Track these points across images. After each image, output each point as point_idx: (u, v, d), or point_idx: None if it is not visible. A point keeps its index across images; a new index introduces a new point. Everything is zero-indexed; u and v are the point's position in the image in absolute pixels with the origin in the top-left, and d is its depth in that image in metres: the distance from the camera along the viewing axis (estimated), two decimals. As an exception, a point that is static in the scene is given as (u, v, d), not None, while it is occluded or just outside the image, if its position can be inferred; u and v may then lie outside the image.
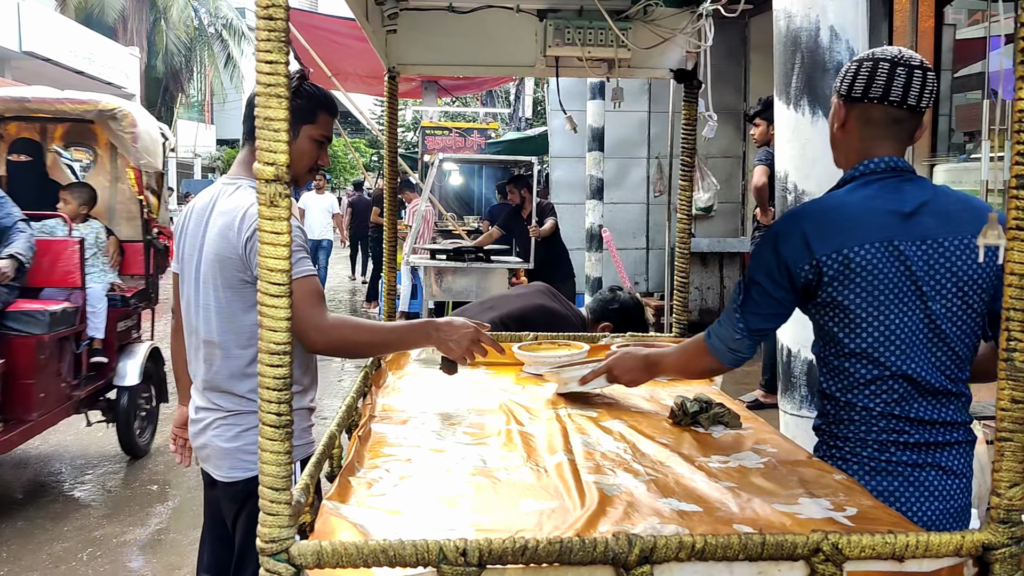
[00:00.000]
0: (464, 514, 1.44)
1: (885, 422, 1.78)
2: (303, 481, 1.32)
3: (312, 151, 2.27)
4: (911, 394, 1.77)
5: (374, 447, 1.82)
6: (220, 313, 2.19)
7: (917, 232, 1.75)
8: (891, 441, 1.78)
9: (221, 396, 2.23)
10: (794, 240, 1.77)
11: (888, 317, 1.75)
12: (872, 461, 1.79)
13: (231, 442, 2.23)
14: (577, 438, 1.92)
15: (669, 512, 1.46)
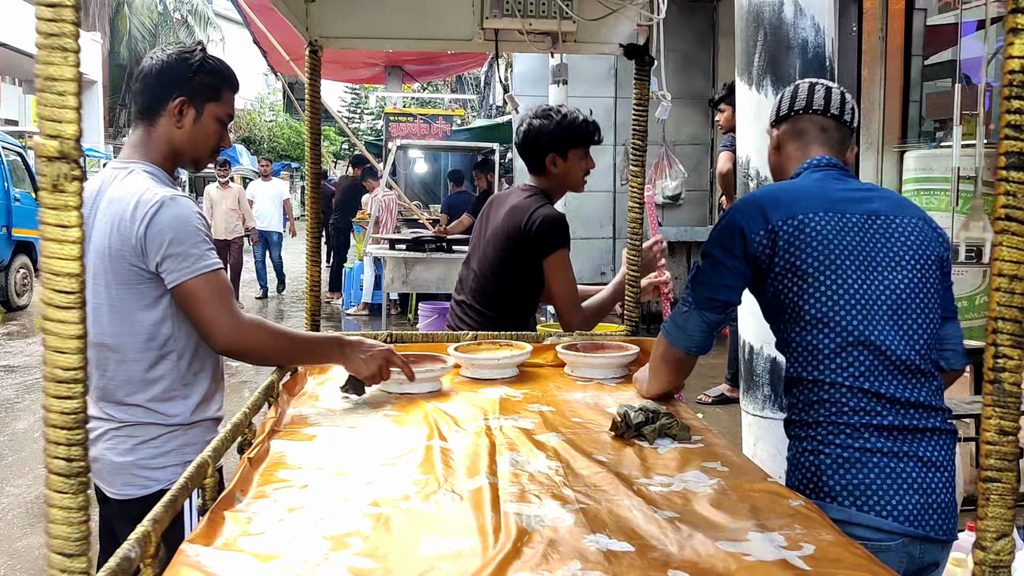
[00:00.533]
0: (348, 559, 1.21)
1: (856, 400, 1.67)
2: (141, 529, 1.08)
3: (216, 131, 2.06)
4: (878, 367, 1.69)
5: (268, 470, 1.58)
6: (113, 312, 1.95)
7: (868, 208, 1.78)
8: (864, 424, 1.66)
9: (114, 407, 1.99)
10: (749, 211, 1.80)
11: (846, 280, 1.72)
12: (847, 450, 1.66)
13: (124, 456, 1.99)
14: (505, 457, 1.69)
15: (595, 553, 1.24)
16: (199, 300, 1.87)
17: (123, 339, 1.95)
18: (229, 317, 1.89)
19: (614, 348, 2.48)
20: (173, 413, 1.99)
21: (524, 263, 2.78)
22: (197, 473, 1.32)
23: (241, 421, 1.64)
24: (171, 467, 1.98)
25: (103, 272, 1.94)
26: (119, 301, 1.94)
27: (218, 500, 1.38)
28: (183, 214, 1.90)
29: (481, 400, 2.13)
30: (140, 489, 1.98)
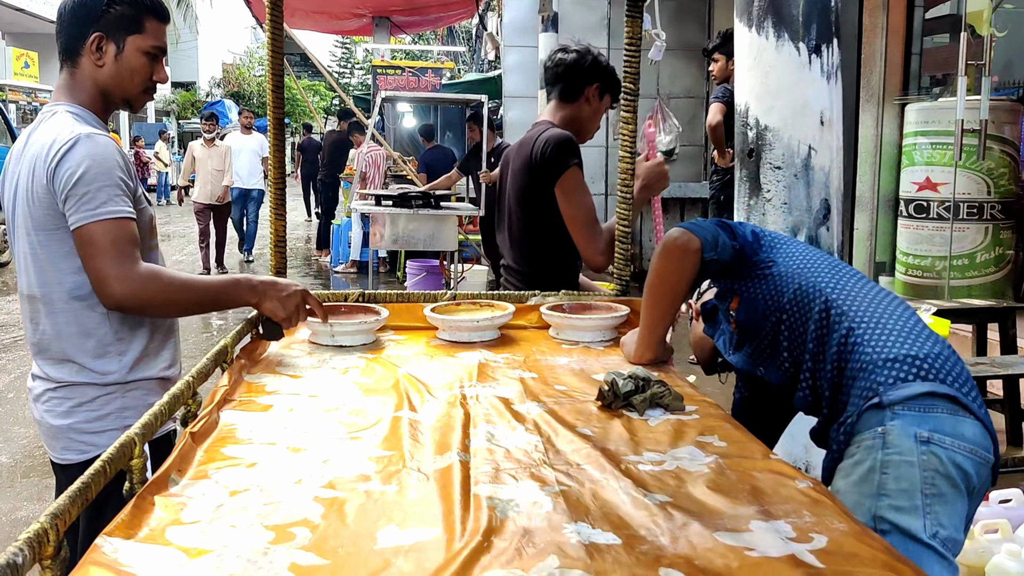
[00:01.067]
0: (290, 554, 1.05)
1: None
2: (35, 527, 0.91)
3: (144, 66, 1.89)
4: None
5: (213, 446, 1.41)
6: (36, 261, 1.82)
7: None
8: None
9: (49, 364, 1.87)
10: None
11: None
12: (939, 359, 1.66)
13: (62, 419, 1.87)
14: (481, 429, 1.52)
15: (576, 546, 1.08)
16: (95, 249, 1.72)
17: (49, 290, 1.83)
18: (119, 267, 1.73)
19: (602, 309, 2.31)
20: (107, 371, 1.86)
21: (543, 200, 2.61)
22: (119, 453, 1.15)
23: (183, 391, 1.47)
24: (110, 431, 1.85)
25: (24, 219, 1.82)
26: (40, 248, 1.81)
27: (148, 482, 1.21)
28: (97, 152, 1.76)
29: (457, 365, 1.96)
30: (79, 454, 1.87)
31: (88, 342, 1.84)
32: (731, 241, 1.84)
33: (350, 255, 10.72)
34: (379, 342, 2.17)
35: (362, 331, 2.12)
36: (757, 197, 2.93)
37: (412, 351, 2.10)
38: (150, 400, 1.87)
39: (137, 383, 1.89)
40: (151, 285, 1.76)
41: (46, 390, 1.88)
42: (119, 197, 1.76)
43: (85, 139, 1.76)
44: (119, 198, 1.75)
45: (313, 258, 11.95)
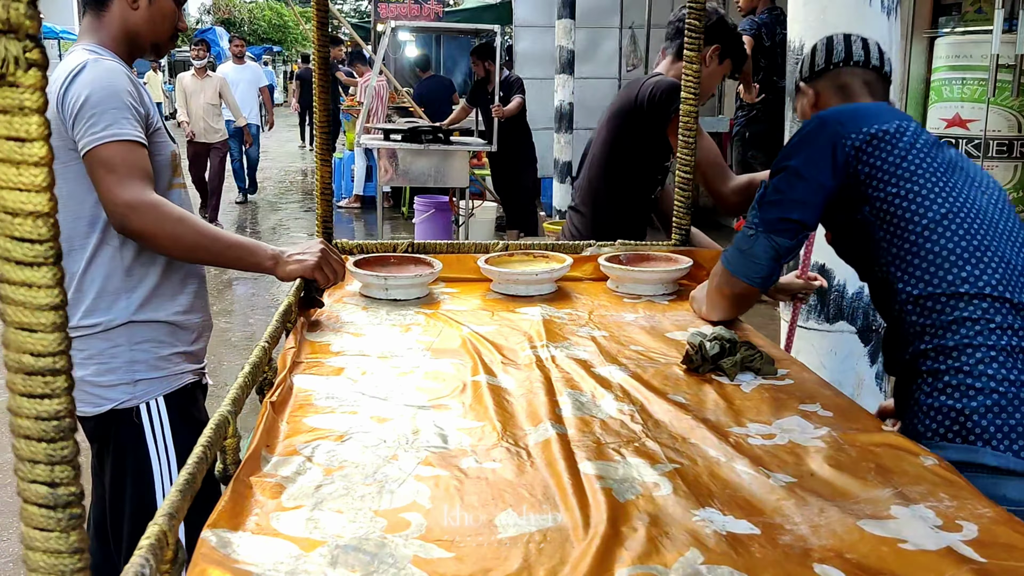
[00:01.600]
0: (411, 545, 0.97)
1: (1003, 315, 1.43)
2: (154, 529, 0.83)
3: (174, 12, 1.85)
4: (1013, 276, 1.47)
5: (295, 416, 1.33)
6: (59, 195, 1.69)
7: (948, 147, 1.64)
8: (1017, 348, 1.42)
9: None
10: (838, 117, 1.62)
11: (955, 187, 1.54)
12: (1003, 383, 1.40)
13: (76, 370, 1.75)
14: (567, 396, 1.45)
15: (713, 537, 1.01)
16: (105, 170, 1.66)
17: (69, 226, 1.75)
18: (128, 191, 1.67)
19: (662, 260, 2.22)
20: (114, 308, 1.79)
21: (638, 144, 2.55)
22: (216, 434, 1.07)
23: (260, 359, 1.38)
24: (121, 385, 1.81)
25: None
26: (59, 181, 1.67)
27: (243, 462, 1.13)
28: (103, 75, 1.69)
29: (522, 322, 1.88)
30: (93, 407, 1.82)
31: (99, 276, 1.78)
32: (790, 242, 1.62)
33: (353, 190, 10.56)
34: (433, 296, 2.08)
35: (417, 284, 2.03)
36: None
37: (469, 306, 2.01)
38: (160, 351, 1.84)
39: (144, 325, 1.82)
40: (158, 215, 1.68)
41: None
42: (126, 120, 1.69)
43: (92, 63, 1.70)
44: (126, 120, 1.68)
45: (314, 193, 11.77)
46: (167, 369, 1.86)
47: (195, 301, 1.94)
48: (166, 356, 1.86)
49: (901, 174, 1.53)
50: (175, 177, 1.88)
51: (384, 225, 9.29)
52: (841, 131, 1.58)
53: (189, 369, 1.91)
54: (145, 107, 1.75)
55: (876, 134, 1.56)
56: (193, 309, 1.93)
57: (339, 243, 2.23)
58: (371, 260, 2.13)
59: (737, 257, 1.68)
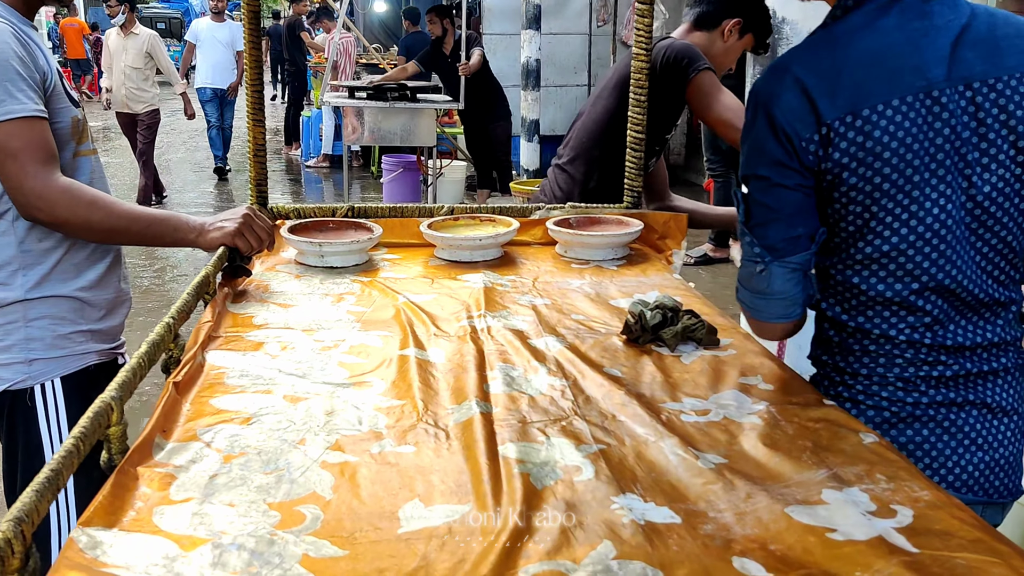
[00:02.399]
0: (301, 543, 0.90)
1: (912, 353, 1.32)
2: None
3: None
4: (948, 314, 1.30)
5: (200, 397, 1.25)
6: None
7: (961, 75, 1.23)
8: (920, 377, 1.32)
9: None
10: (789, 98, 1.27)
11: (924, 204, 1.25)
12: (894, 406, 1.33)
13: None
14: (498, 371, 1.37)
15: (630, 527, 0.94)
16: (7, 154, 1.52)
17: None
18: (33, 179, 1.54)
19: (613, 224, 2.14)
20: (9, 290, 1.66)
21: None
22: (93, 425, 0.98)
23: (163, 336, 1.28)
24: (14, 365, 1.68)
25: None
26: None
27: (130, 450, 1.05)
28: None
29: (461, 290, 1.79)
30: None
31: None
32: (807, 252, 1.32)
33: (321, 149, 10.37)
34: (372, 262, 1.99)
35: (354, 251, 1.94)
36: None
37: (410, 273, 1.92)
38: (59, 329, 1.70)
39: (42, 301, 1.67)
40: (69, 201, 1.56)
41: None
42: (21, 92, 1.52)
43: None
44: (21, 93, 1.52)
45: (283, 153, 11.54)
46: (67, 348, 1.72)
47: (106, 275, 1.79)
48: (66, 335, 1.72)
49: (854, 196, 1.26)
50: (80, 144, 1.72)
51: (353, 184, 9.15)
52: (800, 129, 1.26)
53: (95, 349, 1.77)
54: (40, 70, 1.59)
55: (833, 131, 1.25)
56: (103, 284, 1.79)
57: (275, 207, 2.13)
58: (308, 225, 2.03)
59: (758, 301, 1.37)
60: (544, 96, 7.90)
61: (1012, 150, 1.24)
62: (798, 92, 1.26)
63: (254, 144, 2.08)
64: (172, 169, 10.26)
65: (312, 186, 9.57)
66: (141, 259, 6.15)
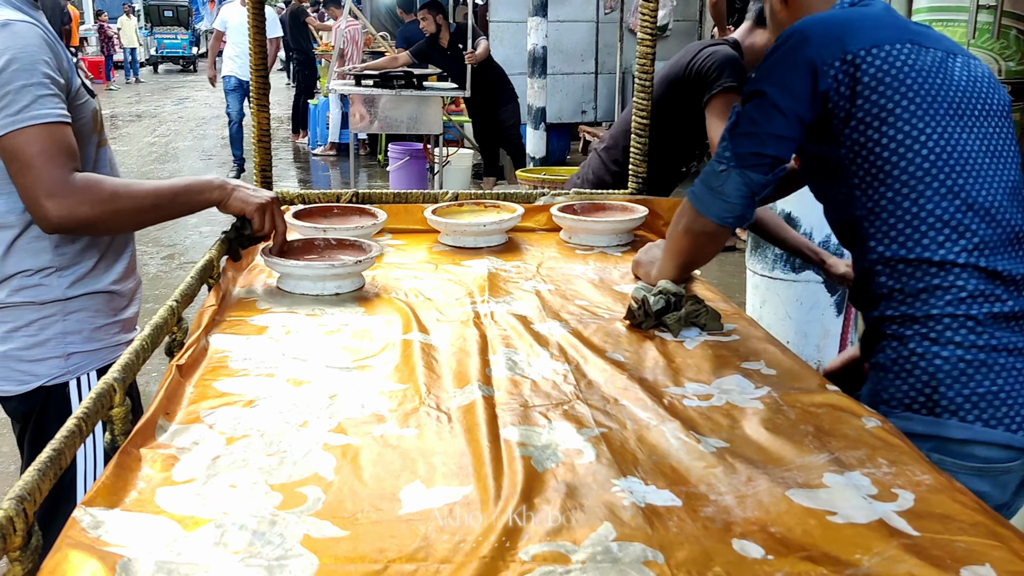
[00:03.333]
0: (302, 524, 0.90)
1: (975, 282, 1.33)
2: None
3: None
4: (993, 238, 1.35)
5: (204, 380, 1.25)
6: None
7: (945, 46, 1.43)
8: (987, 315, 1.32)
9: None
10: (818, 34, 1.41)
11: (945, 129, 1.37)
12: (969, 351, 1.32)
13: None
14: (500, 355, 1.37)
15: (630, 509, 0.94)
16: (20, 163, 1.45)
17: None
18: (50, 184, 1.45)
19: (617, 210, 2.13)
20: (46, 287, 1.61)
21: (679, 114, 2.42)
22: (96, 405, 0.99)
23: (166, 319, 1.29)
24: (51, 359, 1.63)
25: None
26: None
27: (133, 432, 1.05)
28: (14, 44, 1.45)
29: (465, 276, 1.79)
30: (18, 385, 1.63)
31: (24, 259, 1.59)
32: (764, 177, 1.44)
33: (328, 137, 10.36)
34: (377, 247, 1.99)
35: (359, 236, 1.94)
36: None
37: (414, 258, 1.92)
38: (96, 322, 1.66)
39: (80, 299, 1.65)
40: (90, 199, 1.49)
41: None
42: (47, 97, 1.46)
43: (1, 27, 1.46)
44: (47, 99, 1.46)
45: (290, 140, 11.53)
46: (103, 340, 1.68)
47: (130, 264, 1.78)
48: (102, 327, 1.68)
49: (885, 117, 1.36)
50: (99, 134, 1.70)
51: (360, 172, 9.15)
52: (824, 54, 1.38)
53: (125, 339, 1.74)
54: (64, 72, 1.54)
55: (859, 60, 1.37)
56: (128, 274, 1.77)
57: (281, 193, 2.13)
58: (313, 211, 2.03)
59: (706, 194, 1.47)
60: (551, 84, 7.87)
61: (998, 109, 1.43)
62: (827, 30, 1.41)
63: (258, 129, 2.08)
64: (180, 157, 10.27)
65: (319, 174, 9.57)
66: (149, 246, 6.17)
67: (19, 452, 1.77)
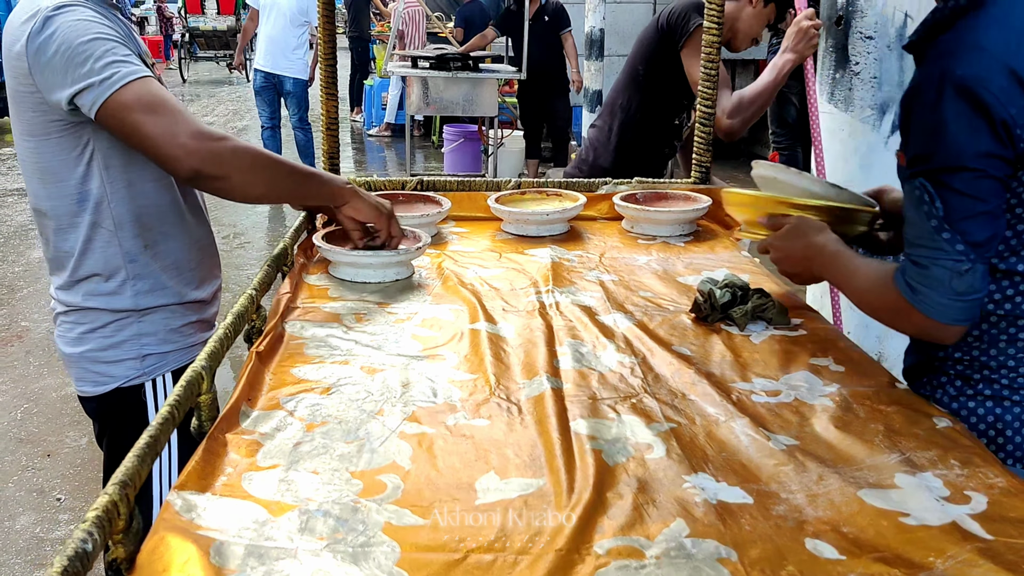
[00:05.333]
0: (383, 512, 0.93)
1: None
2: (103, 500, 0.79)
3: None
4: None
5: (282, 367, 1.29)
6: (37, 170, 1.58)
7: None
8: None
9: (60, 284, 1.66)
10: (1000, 81, 1.11)
11: None
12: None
13: (73, 346, 1.66)
14: (567, 347, 1.39)
15: (702, 506, 0.95)
16: (136, 115, 1.42)
17: (54, 203, 1.59)
18: (186, 126, 1.44)
19: (680, 199, 2.13)
20: (119, 294, 1.63)
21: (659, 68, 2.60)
22: (186, 392, 1.03)
23: (246, 307, 1.33)
24: (127, 361, 1.65)
25: (16, 120, 1.57)
26: (38, 157, 1.56)
27: (219, 418, 1.10)
28: (71, 25, 1.46)
29: (529, 265, 1.81)
30: (94, 386, 1.67)
31: (98, 264, 1.61)
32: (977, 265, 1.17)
33: (384, 118, 10.43)
34: (441, 235, 2.02)
35: (424, 224, 1.97)
36: (844, 70, 2.67)
37: (478, 247, 1.95)
38: (172, 323, 1.68)
39: (155, 310, 1.66)
40: (232, 146, 1.47)
41: (58, 313, 1.69)
42: (124, 59, 1.45)
43: (53, 15, 1.46)
44: (124, 60, 1.45)
45: (350, 119, 11.62)
46: (178, 342, 1.69)
47: (209, 269, 1.78)
48: (178, 328, 1.69)
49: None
50: None
51: (415, 154, 9.20)
52: (1008, 105, 1.12)
53: (201, 339, 1.74)
54: (135, 44, 1.57)
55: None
56: (207, 279, 1.77)
57: (351, 180, 2.17)
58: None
59: (956, 304, 1.17)
60: (607, 66, 7.81)
61: None
62: (1007, 75, 1.12)
63: (327, 117, 2.12)
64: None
65: (375, 155, 9.66)
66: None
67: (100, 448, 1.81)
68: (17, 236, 6.07)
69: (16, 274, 5.29)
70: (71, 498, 2.99)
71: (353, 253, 1.67)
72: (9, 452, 3.27)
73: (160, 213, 1.64)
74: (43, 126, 1.53)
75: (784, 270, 1.50)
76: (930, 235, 1.16)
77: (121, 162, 1.57)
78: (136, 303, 1.64)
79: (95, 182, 1.57)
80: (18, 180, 7.82)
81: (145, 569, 0.81)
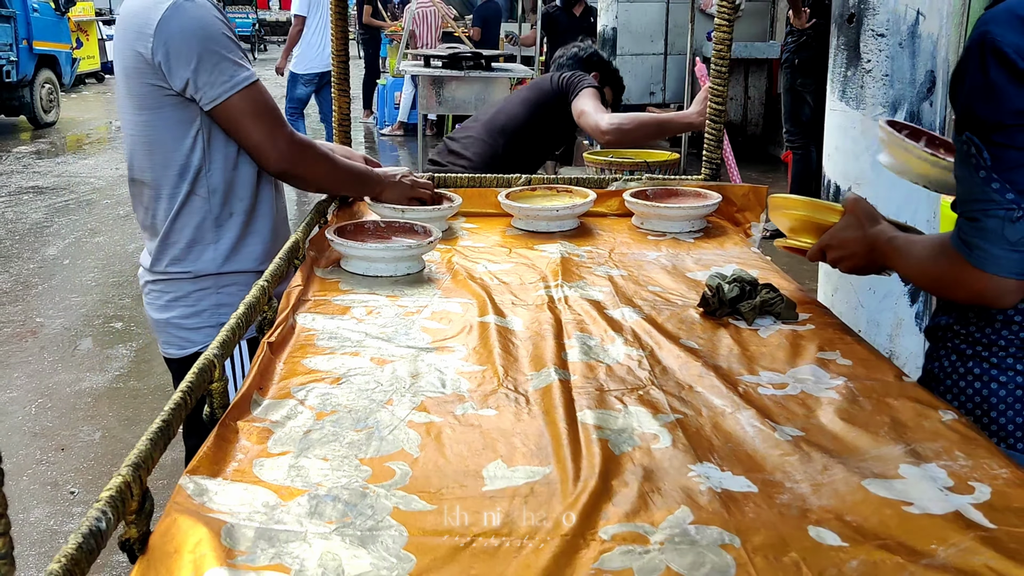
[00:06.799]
0: (392, 498, 0.95)
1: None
2: (116, 481, 0.81)
3: None
4: None
5: (293, 357, 1.31)
6: (143, 143, 1.73)
7: None
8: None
9: (151, 251, 1.82)
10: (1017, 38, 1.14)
11: None
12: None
13: (160, 312, 1.82)
14: (575, 340, 1.40)
15: (707, 494, 0.96)
16: (245, 121, 1.68)
17: (157, 174, 1.74)
18: (284, 135, 1.72)
19: (690, 196, 2.14)
20: (202, 260, 1.78)
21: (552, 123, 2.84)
22: (199, 379, 1.05)
23: (258, 298, 1.35)
24: (206, 328, 1.80)
25: (127, 95, 1.72)
26: (148, 129, 1.72)
27: (231, 406, 1.12)
28: (201, 17, 1.64)
29: (539, 260, 1.82)
30: (179, 349, 1.84)
31: (189, 226, 1.76)
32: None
33: (397, 117, 10.46)
34: (452, 230, 2.03)
35: (435, 219, 1.98)
36: (855, 67, 2.67)
37: (488, 242, 1.96)
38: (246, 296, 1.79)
39: (231, 276, 1.80)
40: (313, 155, 1.77)
41: (147, 282, 1.83)
42: (243, 60, 1.68)
43: (184, 3, 1.63)
44: (243, 61, 1.68)
45: (360, 121, 11.67)
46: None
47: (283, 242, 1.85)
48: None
49: None
50: None
51: (428, 152, 9.24)
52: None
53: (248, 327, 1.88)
54: (237, 38, 1.74)
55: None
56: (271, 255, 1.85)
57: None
58: None
59: (1012, 255, 1.16)
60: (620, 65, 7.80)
61: None
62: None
63: (339, 114, 2.13)
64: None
65: (387, 154, 9.69)
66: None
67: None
68: (32, 233, 6.12)
69: (31, 271, 5.33)
70: (84, 491, 3.02)
71: (365, 247, 1.69)
72: (24, 446, 3.30)
73: (249, 183, 1.79)
74: (157, 99, 1.67)
75: (847, 267, 1.48)
76: (980, 187, 1.17)
77: (222, 137, 1.73)
78: (217, 267, 1.79)
79: (198, 154, 1.72)
80: (33, 178, 7.89)
81: (157, 550, 0.83)
